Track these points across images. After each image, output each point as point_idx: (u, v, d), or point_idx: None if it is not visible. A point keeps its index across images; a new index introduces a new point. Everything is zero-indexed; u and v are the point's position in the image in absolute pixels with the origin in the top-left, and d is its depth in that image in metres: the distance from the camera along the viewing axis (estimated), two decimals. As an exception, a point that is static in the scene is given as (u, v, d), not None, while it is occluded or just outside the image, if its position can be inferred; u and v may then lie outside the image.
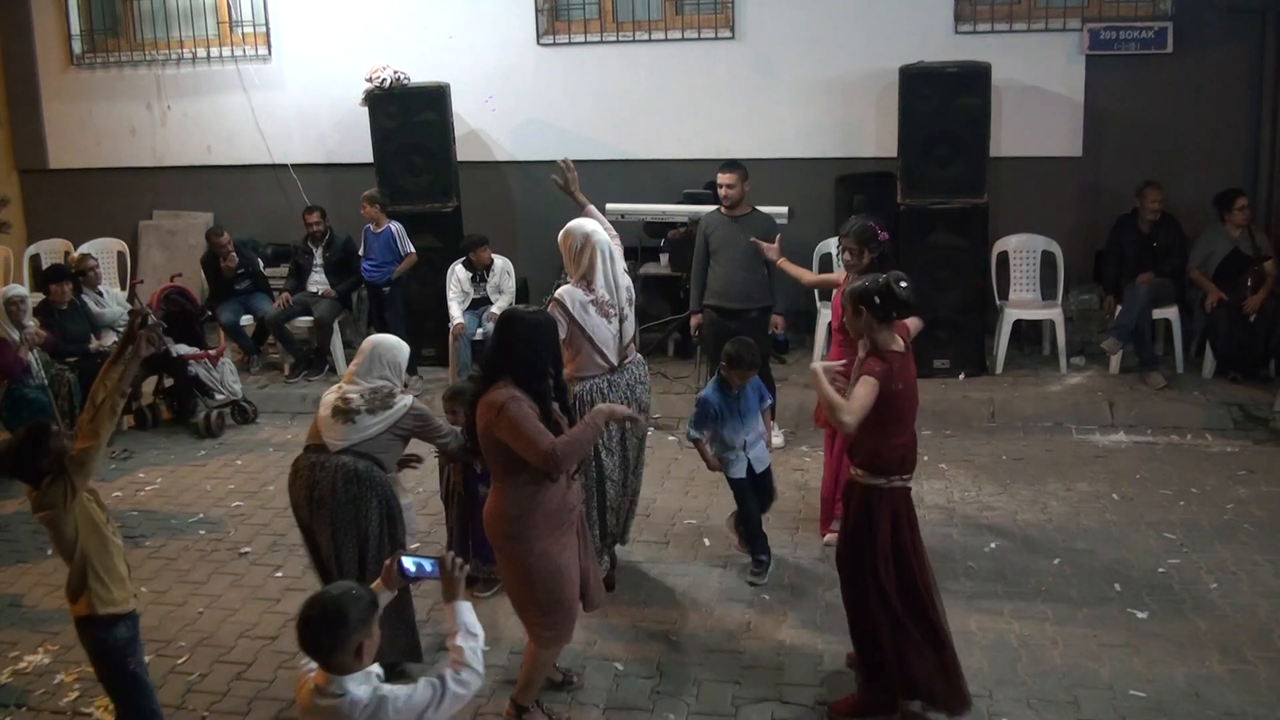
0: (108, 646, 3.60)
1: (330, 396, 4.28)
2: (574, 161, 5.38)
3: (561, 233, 4.92)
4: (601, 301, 4.78)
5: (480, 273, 7.96)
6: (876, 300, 3.82)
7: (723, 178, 6.62)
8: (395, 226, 8.07)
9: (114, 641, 3.59)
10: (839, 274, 5.48)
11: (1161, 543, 5.40)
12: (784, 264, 5.96)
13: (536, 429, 3.60)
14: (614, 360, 4.85)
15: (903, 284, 3.87)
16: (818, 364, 3.97)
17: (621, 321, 4.86)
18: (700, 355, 7.07)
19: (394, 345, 4.38)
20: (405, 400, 4.29)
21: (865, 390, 3.74)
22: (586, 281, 4.78)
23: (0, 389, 6.71)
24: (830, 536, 5.35)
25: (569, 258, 4.87)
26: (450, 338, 7.78)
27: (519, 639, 4.67)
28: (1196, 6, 7.92)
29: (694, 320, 6.83)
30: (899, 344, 3.89)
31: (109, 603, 3.54)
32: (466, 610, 2.94)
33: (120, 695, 3.72)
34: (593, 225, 4.90)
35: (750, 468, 5.09)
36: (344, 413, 4.20)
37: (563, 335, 4.47)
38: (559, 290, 4.82)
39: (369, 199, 8.03)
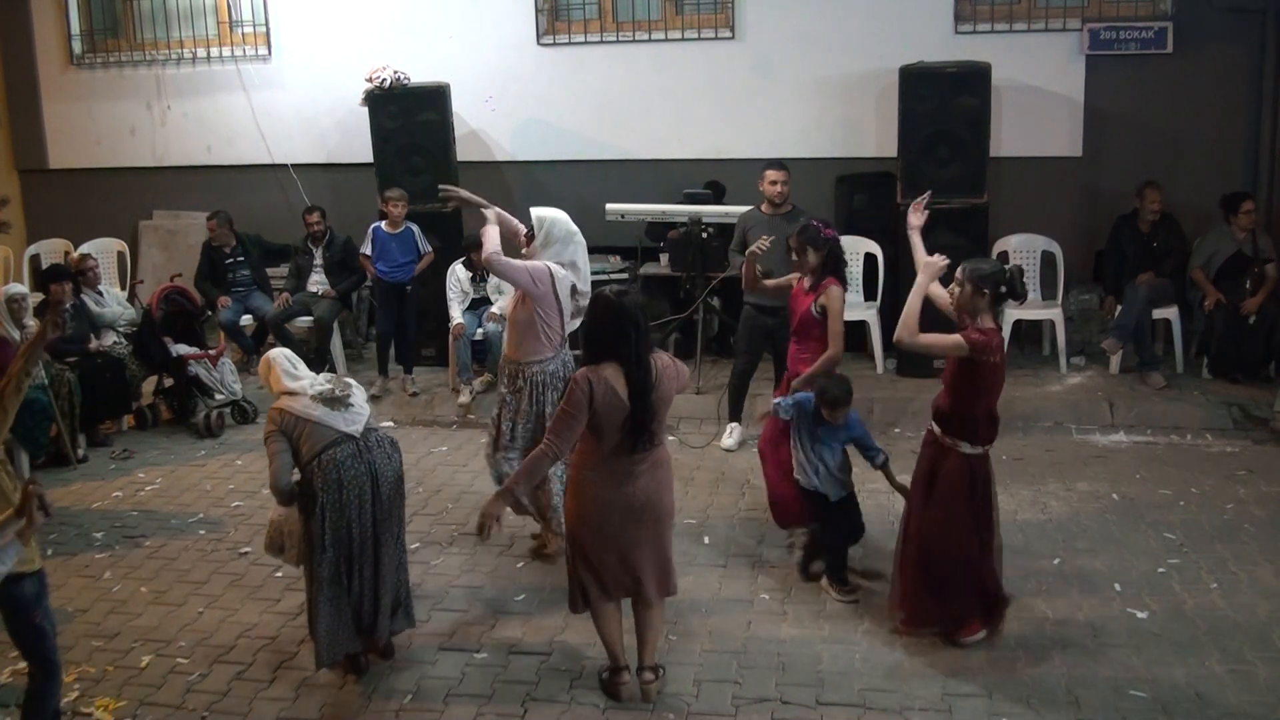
0: (17, 601, 3.80)
1: (297, 403, 4.31)
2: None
3: (543, 215, 5.22)
4: (576, 288, 5.18)
5: (480, 273, 7.94)
6: (1002, 289, 4.26)
7: (774, 175, 6.60)
8: (415, 227, 8.01)
9: (23, 597, 3.80)
10: (791, 276, 5.48)
11: (1161, 543, 5.41)
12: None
13: None
14: (565, 338, 5.26)
15: (1025, 278, 4.34)
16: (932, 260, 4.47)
17: (578, 310, 5.23)
18: (734, 347, 7.04)
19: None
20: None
21: (950, 339, 4.27)
22: (573, 268, 5.15)
23: None
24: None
25: (544, 243, 5.15)
26: (450, 337, 7.78)
27: (516, 638, 4.68)
28: (1196, 6, 7.92)
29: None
30: (993, 324, 4.30)
31: (22, 561, 3.72)
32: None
33: (26, 644, 3.91)
34: (572, 224, 5.26)
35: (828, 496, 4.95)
36: (335, 401, 4.35)
37: (525, 284, 5.03)
38: (552, 264, 5.09)
39: (401, 198, 7.91)
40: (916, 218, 4.90)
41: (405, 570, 4.57)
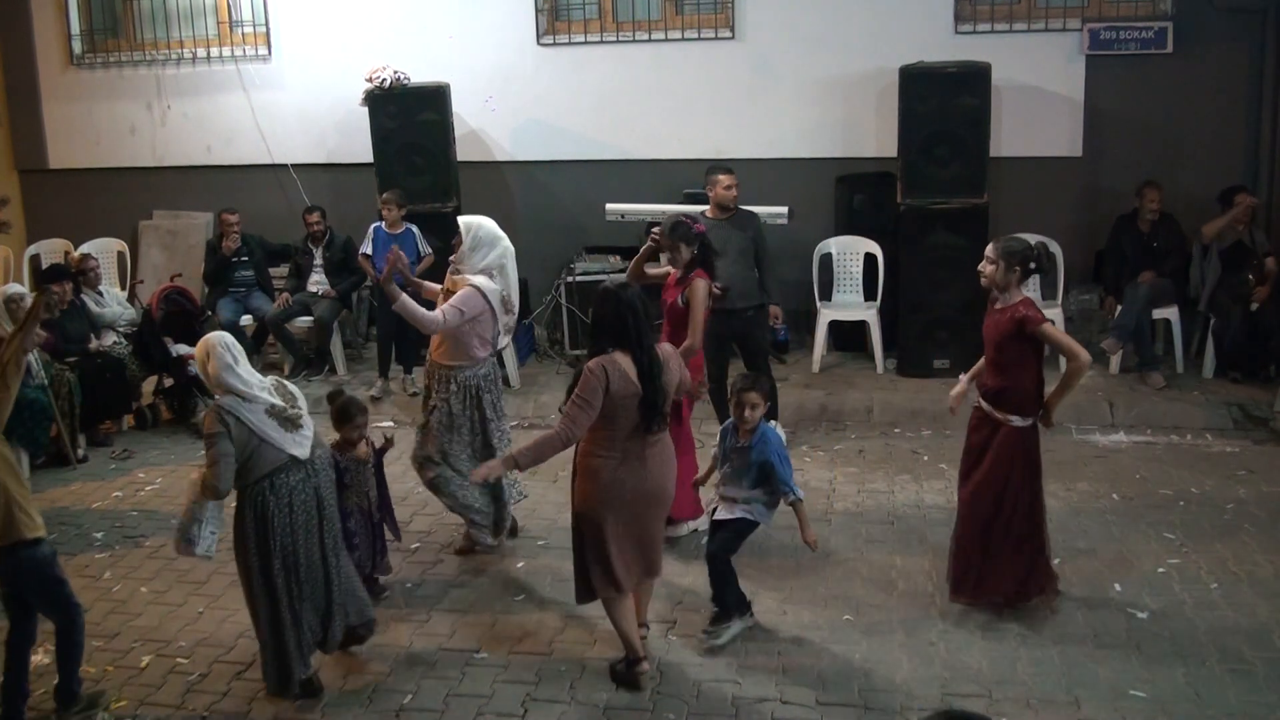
0: (37, 562, 4.09)
1: (251, 412, 4.08)
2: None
3: (470, 221, 5.28)
4: (506, 299, 5.31)
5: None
6: (1031, 265, 4.59)
7: (729, 179, 6.62)
8: (414, 228, 7.99)
9: (42, 557, 4.11)
10: (665, 268, 5.70)
11: (1161, 543, 5.41)
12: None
13: None
14: (497, 350, 5.41)
15: (1050, 251, 4.56)
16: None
17: (507, 314, 5.40)
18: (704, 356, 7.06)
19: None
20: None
21: (1057, 332, 4.63)
22: (499, 279, 5.25)
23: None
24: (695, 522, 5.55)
25: (472, 247, 5.22)
26: None
27: (517, 637, 4.68)
28: (1196, 6, 7.91)
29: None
30: (1023, 295, 4.62)
31: (34, 527, 4.05)
32: None
33: (48, 600, 4.20)
34: (498, 229, 5.34)
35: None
36: (289, 420, 4.17)
37: (452, 326, 5.07)
38: (478, 280, 5.20)
39: (397, 201, 7.87)
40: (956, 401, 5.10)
41: (355, 578, 4.54)
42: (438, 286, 5.51)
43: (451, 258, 5.37)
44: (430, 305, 5.28)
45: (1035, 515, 4.72)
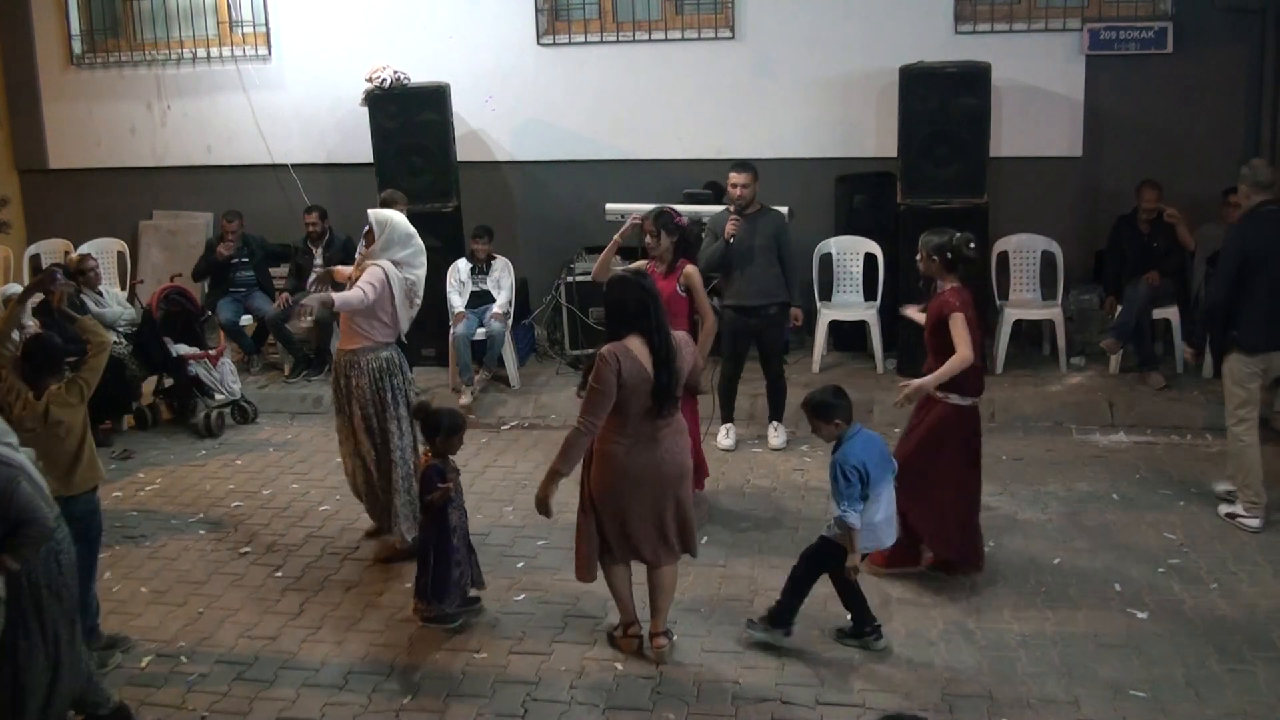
0: (93, 507, 4.53)
1: (28, 466, 3.82)
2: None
3: (383, 218, 5.37)
4: (412, 290, 5.37)
5: (480, 264, 7.97)
6: (948, 255, 4.81)
7: (736, 178, 6.61)
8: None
9: (95, 504, 4.55)
10: (642, 263, 5.78)
11: (1161, 543, 5.41)
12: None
13: None
14: (402, 336, 5.47)
15: (971, 244, 4.86)
16: (911, 309, 5.30)
17: (411, 305, 5.44)
18: (721, 352, 7.04)
19: None
20: None
21: (960, 325, 4.71)
22: (408, 268, 5.34)
23: None
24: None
25: (384, 239, 5.30)
26: (451, 325, 7.75)
27: (517, 637, 4.68)
28: (1196, 6, 7.92)
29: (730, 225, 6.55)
30: (956, 284, 4.84)
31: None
32: None
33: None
34: (410, 227, 5.45)
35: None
36: (43, 474, 3.99)
37: (372, 300, 5.12)
38: (383, 263, 5.25)
39: (399, 199, 7.82)
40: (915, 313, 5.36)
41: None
42: (348, 269, 5.65)
43: (361, 250, 5.46)
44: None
45: (966, 488, 4.95)
